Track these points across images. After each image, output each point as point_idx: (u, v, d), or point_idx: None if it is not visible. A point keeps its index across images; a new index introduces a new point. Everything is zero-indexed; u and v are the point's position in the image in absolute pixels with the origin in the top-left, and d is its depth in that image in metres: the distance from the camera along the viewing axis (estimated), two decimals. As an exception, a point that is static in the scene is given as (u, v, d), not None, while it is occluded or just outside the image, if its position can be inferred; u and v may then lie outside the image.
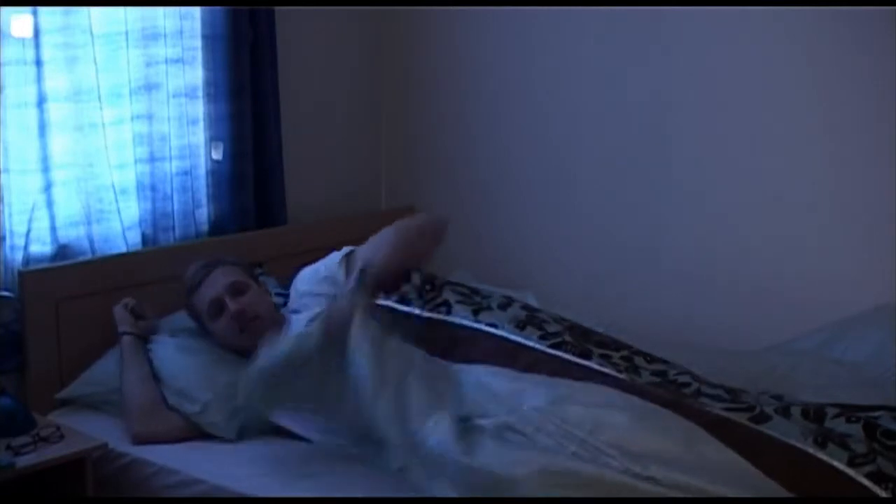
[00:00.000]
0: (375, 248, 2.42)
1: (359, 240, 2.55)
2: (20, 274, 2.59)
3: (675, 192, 2.88)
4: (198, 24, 2.94)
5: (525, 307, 2.25)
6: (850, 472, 1.76)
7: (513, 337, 2.14)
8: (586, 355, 2.08)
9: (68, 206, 2.71)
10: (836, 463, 1.77)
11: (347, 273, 2.45)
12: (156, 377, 2.49)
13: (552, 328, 2.16)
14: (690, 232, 2.86)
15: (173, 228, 2.94)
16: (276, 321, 2.50)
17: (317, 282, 2.56)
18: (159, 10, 2.84)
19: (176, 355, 2.52)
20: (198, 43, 2.95)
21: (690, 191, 2.85)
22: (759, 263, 2.74)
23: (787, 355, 2.47)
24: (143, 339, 2.56)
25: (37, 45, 2.60)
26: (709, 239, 2.83)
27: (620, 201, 2.99)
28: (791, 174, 2.67)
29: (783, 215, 2.69)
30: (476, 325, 2.17)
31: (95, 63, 2.70)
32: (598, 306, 2.83)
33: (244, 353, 2.47)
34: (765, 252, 2.73)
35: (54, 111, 2.65)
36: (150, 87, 2.85)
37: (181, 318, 2.71)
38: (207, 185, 3.01)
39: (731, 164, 2.77)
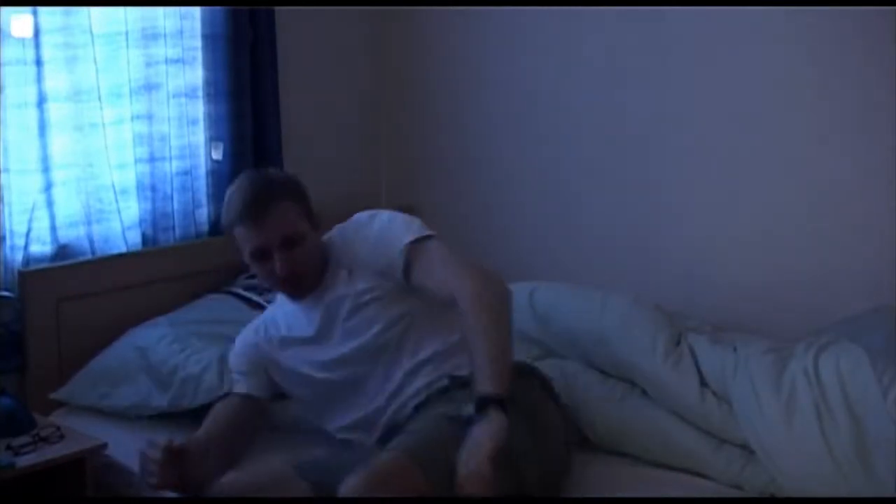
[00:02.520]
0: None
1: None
2: (20, 274, 2.59)
3: (674, 192, 2.87)
4: (198, 24, 2.94)
5: None
6: None
7: None
8: None
9: (68, 206, 2.72)
10: None
11: (406, 270, 2.11)
12: (153, 368, 2.50)
13: None
14: (688, 232, 2.86)
15: (173, 228, 2.94)
16: (321, 272, 2.19)
17: (372, 255, 2.18)
18: (159, 10, 2.84)
19: (172, 345, 2.53)
20: (198, 43, 2.95)
21: (689, 189, 2.84)
22: (756, 264, 2.74)
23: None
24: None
25: (37, 45, 2.60)
26: (706, 239, 2.82)
27: (620, 200, 2.98)
28: (791, 174, 2.67)
29: (781, 215, 2.69)
30: None
31: (95, 63, 2.70)
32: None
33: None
34: (763, 253, 2.73)
35: (54, 111, 2.65)
36: (150, 87, 2.86)
37: (183, 313, 2.72)
38: (207, 185, 3.01)
39: (730, 163, 2.76)
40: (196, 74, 2.95)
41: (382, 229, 2.17)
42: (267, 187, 2.14)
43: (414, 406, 2.08)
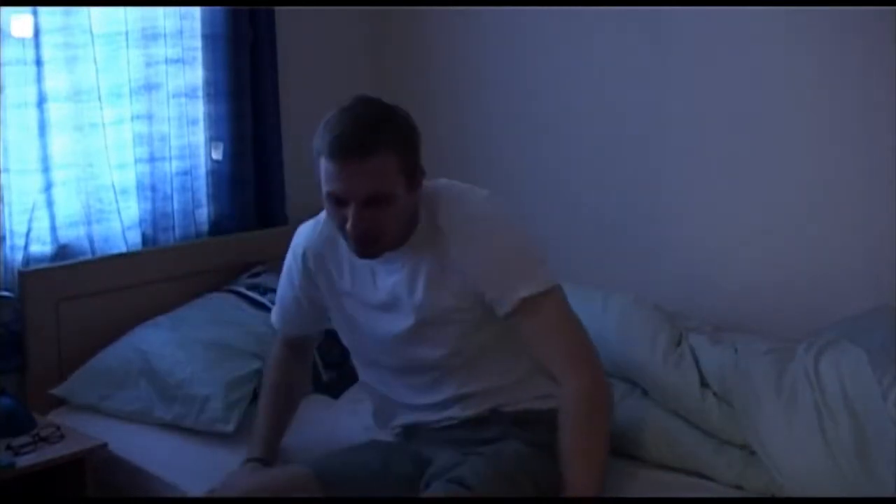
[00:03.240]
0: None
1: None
2: (20, 274, 2.59)
3: (674, 192, 2.87)
4: (198, 24, 2.94)
5: None
6: None
7: None
8: None
9: (68, 206, 2.72)
10: None
11: (509, 316, 1.93)
12: (156, 375, 2.49)
13: None
14: (688, 232, 2.86)
15: (173, 228, 2.94)
16: (403, 237, 1.95)
17: (477, 278, 1.94)
18: (159, 10, 2.85)
19: (177, 352, 2.53)
20: (198, 43, 2.95)
21: (689, 189, 2.84)
22: (756, 264, 2.74)
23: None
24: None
25: (37, 45, 2.60)
26: (706, 239, 2.82)
27: (620, 200, 2.98)
28: (791, 174, 2.67)
29: (781, 215, 2.69)
30: None
31: (95, 63, 2.70)
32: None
33: None
34: (763, 253, 2.73)
35: (54, 111, 2.66)
36: (150, 87, 2.86)
37: (185, 312, 2.72)
38: (207, 185, 3.01)
39: (730, 163, 2.76)
40: (196, 74, 2.96)
41: (501, 261, 1.94)
42: (375, 127, 1.85)
43: (445, 426, 2.06)
